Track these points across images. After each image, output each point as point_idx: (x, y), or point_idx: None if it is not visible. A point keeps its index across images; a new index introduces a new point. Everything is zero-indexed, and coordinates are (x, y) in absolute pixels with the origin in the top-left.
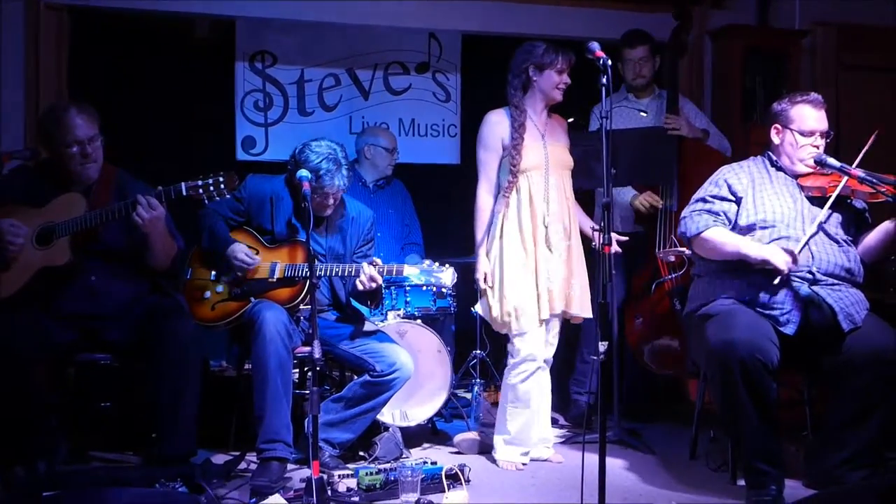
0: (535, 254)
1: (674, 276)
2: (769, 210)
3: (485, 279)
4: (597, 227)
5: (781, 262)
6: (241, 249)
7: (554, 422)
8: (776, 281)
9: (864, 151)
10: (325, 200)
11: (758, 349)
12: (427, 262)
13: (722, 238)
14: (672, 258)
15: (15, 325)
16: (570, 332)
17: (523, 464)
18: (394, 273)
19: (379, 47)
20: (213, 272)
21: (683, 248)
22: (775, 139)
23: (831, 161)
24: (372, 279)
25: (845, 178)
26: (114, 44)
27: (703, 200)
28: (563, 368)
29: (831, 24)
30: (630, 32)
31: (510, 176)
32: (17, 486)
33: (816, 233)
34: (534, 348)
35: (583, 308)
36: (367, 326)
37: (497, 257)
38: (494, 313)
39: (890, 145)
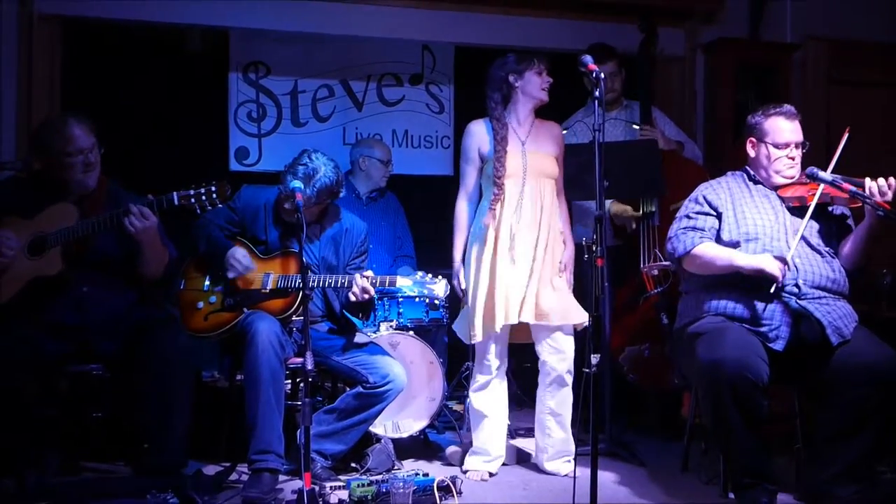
0: (494, 263)
1: (659, 289)
2: (751, 224)
3: (459, 284)
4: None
5: (775, 269)
6: (241, 252)
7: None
8: (772, 289)
9: (838, 152)
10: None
11: (747, 367)
12: (420, 273)
13: (712, 252)
14: (656, 272)
15: (6, 335)
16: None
17: (489, 473)
18: (387, 284)
19: (373, 59)
20: (207, 283)
21: (668, 262)
22: (751, 152)
23: (822, 175)
24: (365, 291)
25: (821, 186)
26: (107, 54)
27: (687, 217)
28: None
29: (823, 38)
30: (598, 48)
31: (494, 188)
32: (7, 498)
33: (798, 243)
34: (490, 361)
35: (566, 317)
36: (359, 338)
37: (469, 266)
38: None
39: (883, 159)
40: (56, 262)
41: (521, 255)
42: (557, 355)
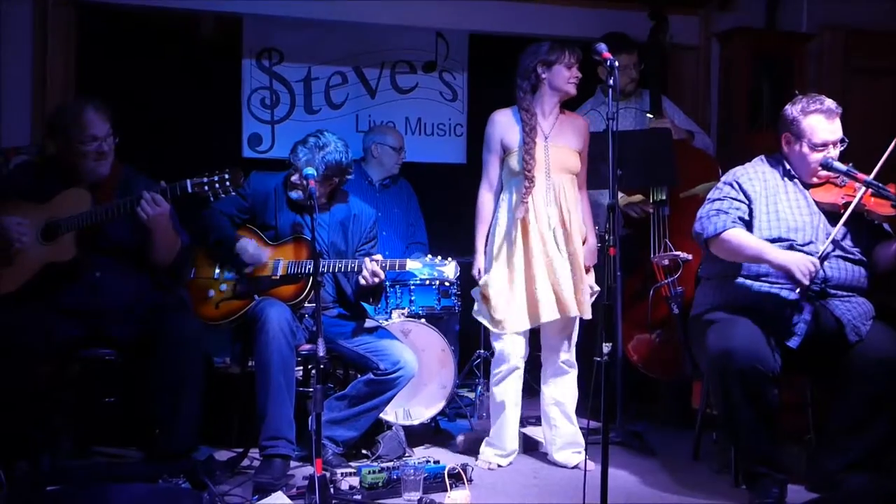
0: (529, 259)
1: (669, 280)
2: (783, 226)
3: (479, 274)
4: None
5: (804, 274)
6: (251, 244)
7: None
8: (796, 291)
9: (884, 157)
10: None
11: (757, 359)
12: (429, 256)
13: (743, 240)
14: (667, 262)
15: (19, 320)
16: None
17: (499, 465)
18: (396, 268)
19: (386, 46)
20: (217, 271)
21: (678, 252)
22: (785, 148)
23: (837, 165)
24: (374, 274)
25: (860, 193)
26: (121, 40)
27: (720, 200)
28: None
29: (839, 27)
30: (618, 39)
31: (525, 181)
32: (20, 481)
33: (833, 250)
34: (509, 350)
35: (581, 306)
36: (368, 323)
37: (490, 258)
38: (477, 310)
39: None
40: (69, 247)
41: (554, 250)
42: (561, 345)
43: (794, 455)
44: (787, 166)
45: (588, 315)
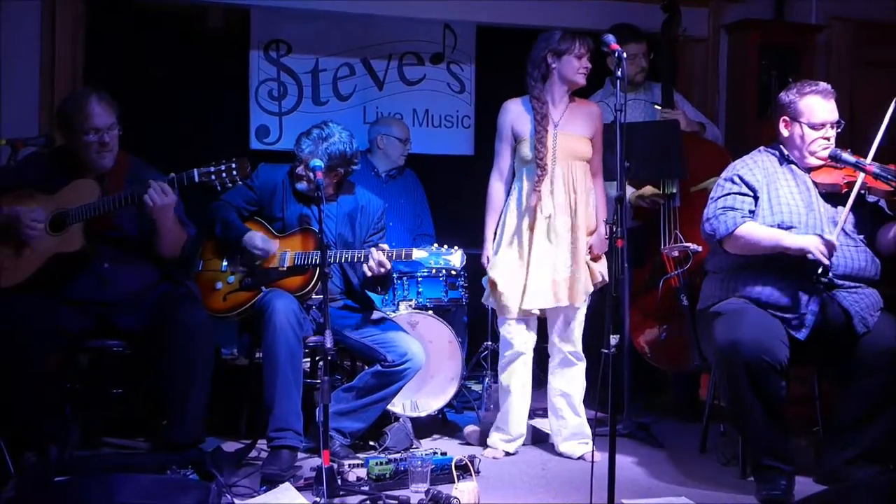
0: (530, 245)
1: (679, 271)
2: (786, 212)
3: (488, 262)
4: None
5: (822, 251)
6: (259, 236)
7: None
8: (819, 271)
9: (885, 124)
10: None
11: (764, 350)
12: (435, 245)
13: (757, 233)
14: (676, 253)
15: (27, 311)
16: None
17: (506, 452)
18: (402, 257)
19: (394, 37)
20: (225, 263)
21: (689, 244)
22: (784, 132)
23: (846, 156)
24: (381, 264)
25: (861, 175)
26: (129, 31)
27: (724, 197)
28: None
29: (848, 19)
30: (627, 29)
31: (538, 170)
32: (29, 472)
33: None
34: (513, 337)
35: (587, 289)
36: (376, 314)
37: (498, 244)
38: (485, 297)
39: None
40: (77, 238)
41: (561, 238)
42: (563, 335)
43: (802, 447)
44: (786, 152)
45: (578, 303)
